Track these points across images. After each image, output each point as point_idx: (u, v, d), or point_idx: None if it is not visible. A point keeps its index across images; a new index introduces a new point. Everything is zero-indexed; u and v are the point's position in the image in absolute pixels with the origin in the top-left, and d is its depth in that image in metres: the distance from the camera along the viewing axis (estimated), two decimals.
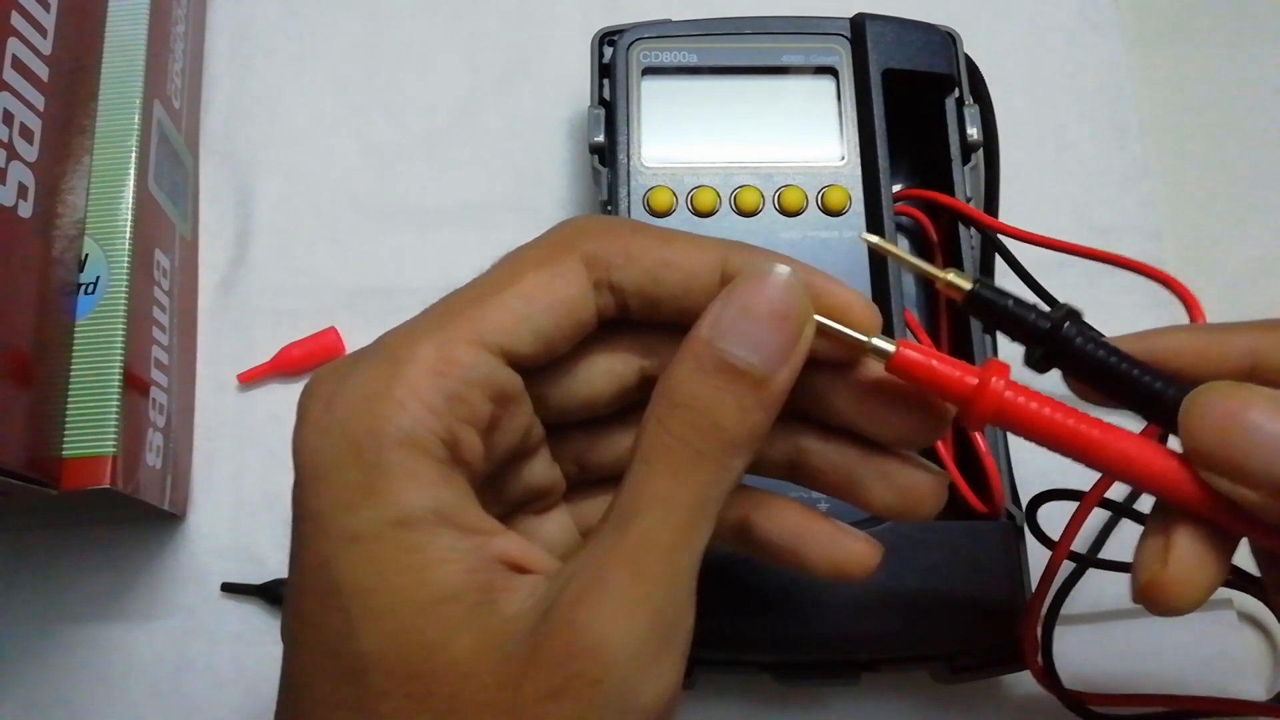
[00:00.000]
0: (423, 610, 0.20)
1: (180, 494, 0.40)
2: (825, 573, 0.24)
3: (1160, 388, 0.23)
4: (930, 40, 0.39)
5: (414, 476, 0.20)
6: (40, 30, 0.33)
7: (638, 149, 0.38)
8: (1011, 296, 0.23)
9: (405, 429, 0.20)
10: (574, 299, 0.22)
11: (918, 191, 0.39)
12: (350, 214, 0.44)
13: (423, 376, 0.21)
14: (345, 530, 0.20)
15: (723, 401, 0.21)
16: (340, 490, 0.21)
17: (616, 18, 0.41)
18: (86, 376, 0.34)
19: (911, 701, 0.37)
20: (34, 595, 0.39)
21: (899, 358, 0.22)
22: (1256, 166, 0.45)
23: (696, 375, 0.21)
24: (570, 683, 0.19)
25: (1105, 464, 0.22)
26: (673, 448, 0.21)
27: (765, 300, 0.21)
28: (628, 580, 0.20)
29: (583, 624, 0.20)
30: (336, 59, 0.47)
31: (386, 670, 0.20)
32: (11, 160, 0.31)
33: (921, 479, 0.24)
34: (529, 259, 0.23)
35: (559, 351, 0.23)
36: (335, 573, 0.20)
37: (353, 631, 0.20)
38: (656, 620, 0.20)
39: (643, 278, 0.23)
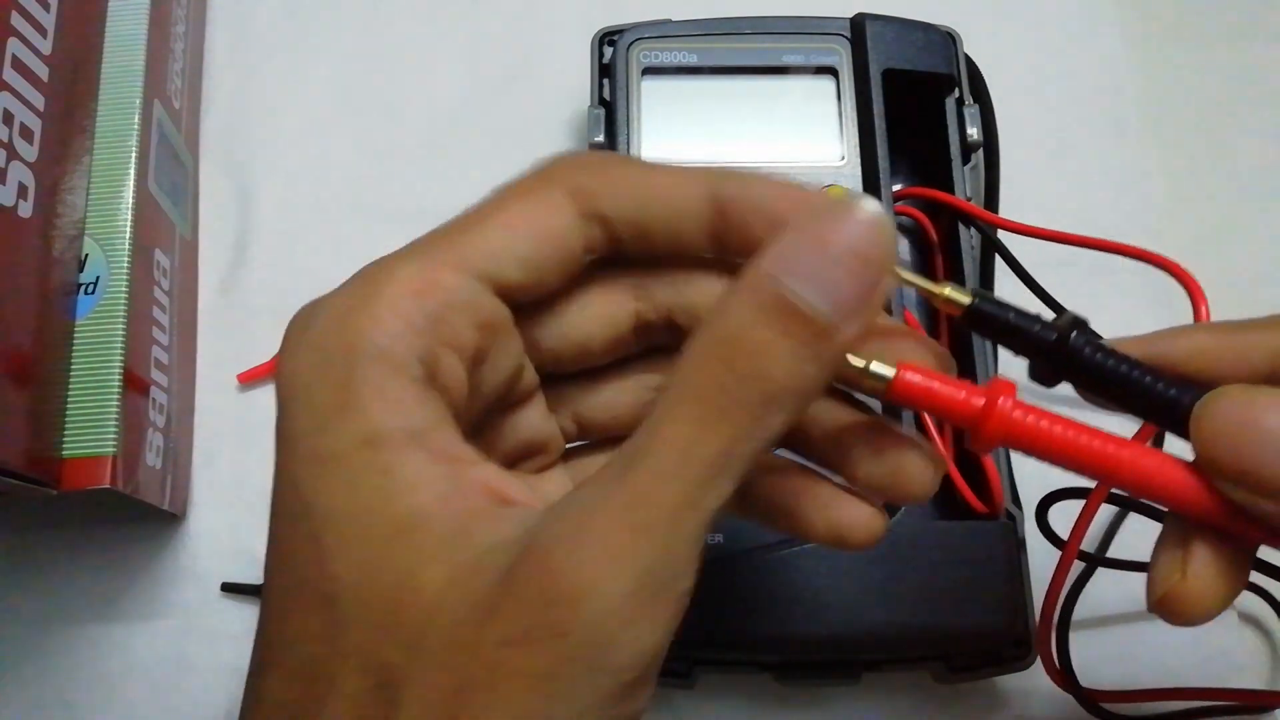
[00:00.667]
0: (392, 538, 0.19)
1: (180, 494, 0.40)
2: (825, 537, 0.22)
3: (1175, 395, 0.22)
4: (930, 40, 0.39)
5: (385, 394, 0.19)
6: (40, 30, 0.33)
7: (638, 149, 0.38)
8: (1012, 309, 0.22)
9: (380, 344, 0.20)
10: (560, 228, 0.21)
11: (917, 190, 0.39)
12: (350, 214, 0.44)
13: (402, 296, 0.20)
14: (314, 450, 0.20)
15: (776, 347, 0.18)
16: (311, 410, 0.20)
17: (616, 18, 0.41)
18: (86, 376, 0.34)
19: (911, 701, 0.37)
20: (34, 595, 0.39)
21: (899, 383, 0.21)
22: (1256, 166, 0.45)
23: (750, 312, 0.18)
24: (535, 631, 0.18)
25: (1119, 481, 0.21)
26: (705, 390, 0.18)
27: (847, 237, 0.18)
28: (619, 530, 0.18)
29: (559, 569, 0.18)
30: (336, 59, 0.47)
31: (355, 599, 0.19)
32: (11, 160, 0.31)
33: (914, 457, 0.22)
34: (513, 191, 0.22)
35: (548, 284, 0.22)
36: (304, 495, 0.20)
37: (323, 557, 0.19)
38: (645, 578, 0.18)
39: (629, 205, 0.21)
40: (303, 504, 0.20)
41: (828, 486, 0.22)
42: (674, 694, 0.37)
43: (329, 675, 0.19)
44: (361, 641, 0.19)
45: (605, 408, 0.25)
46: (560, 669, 0.18)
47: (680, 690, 0.36)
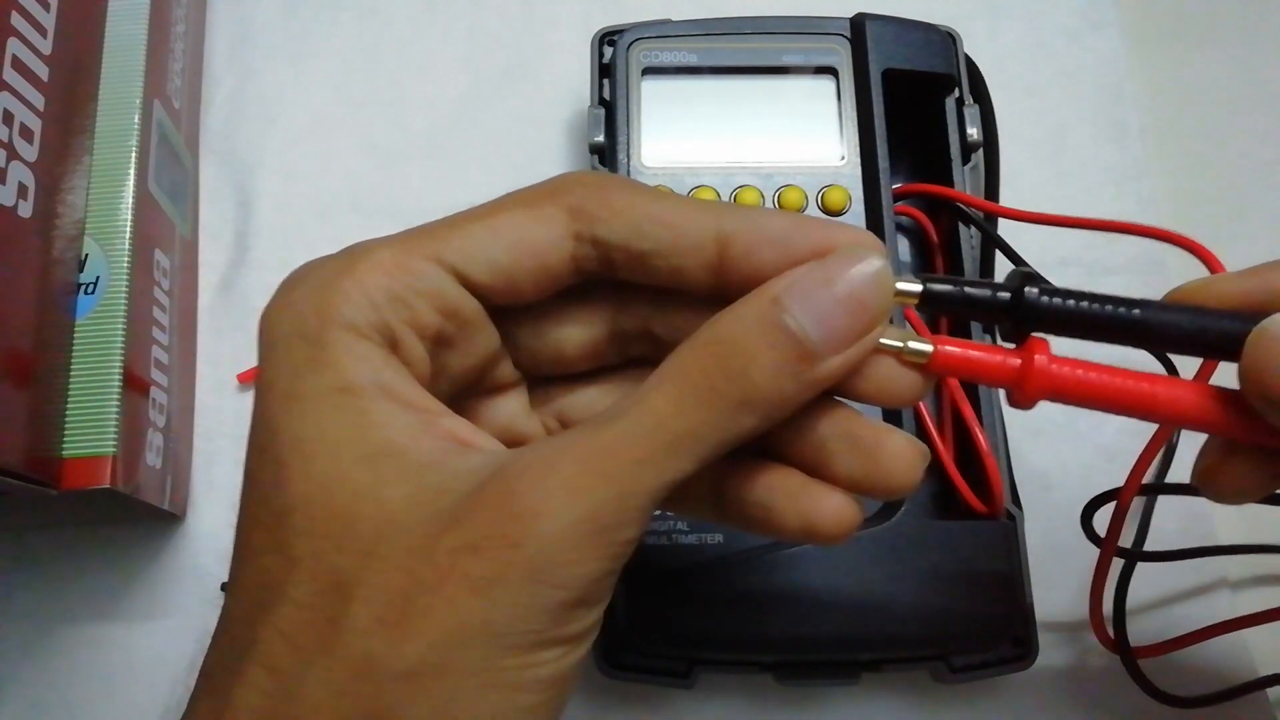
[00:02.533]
0: (358, 459, 0.21)
1: (180, 494, 0.40)
2: (796, 530, 0.22)
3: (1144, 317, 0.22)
4: (930, 40, 0.39)
5: (356, 354, 0.21)
6: (40, 30, 0.33)
7: (638, 149, 0.38)
8: (964, 280, 0.22)
9: (347, 315, 0.21)
10: (544, 242, 0.22)
11: (917, 186, 0.39)
12: (350, 214, 0.44)
13: (371, 274, 0.22)
14: (289, 391, 0.21)
15: (762, 355, 0.20)
16: (288, 360, 0.21)
17: (616, 18, 0.41)
18: (86, 376, 0.34)
19: (911, 701, 0.37)
20: (34, 595, 0.39)
21: (939, 356, 0.22)
22: (1256, 166, 0.45)
23: (748, 322, 0.20)
24: (489, 540, 0.19)
25: (1160, 415, 0.22)
26: (689, 375, 0.20)
27: (850, 282, 0.20)
28: (582, 470, 0.20)
29: (519, 492, 0.20)
30: (336, 59, 0.47)
31: (308, 512, 0.20)
32: (11, 160, 0.31)
33: (892, 440, 0.22)
34: (512, 200, 0.23)
35: (523, 290, 0.23)
36: (275, 427, 0.21)
37: (283, 477, 0.21)
38: (595, 514, 0.20)
39: (628, 232, 0.22)
40: (271, 434, 0.21)
41: (798, 477, 0.22)
42: (674, 694, 0.37)
43: (277, 584, 0.20)
44: (312, 549, 0.20)
45: (586, 410, 0.26)
46: (505, 575, 0.19)
47: (680, 690, 0.36)
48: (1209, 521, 0.39)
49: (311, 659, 0.20)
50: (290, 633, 0.20)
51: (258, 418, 0.22)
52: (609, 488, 0.20)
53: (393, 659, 0.19)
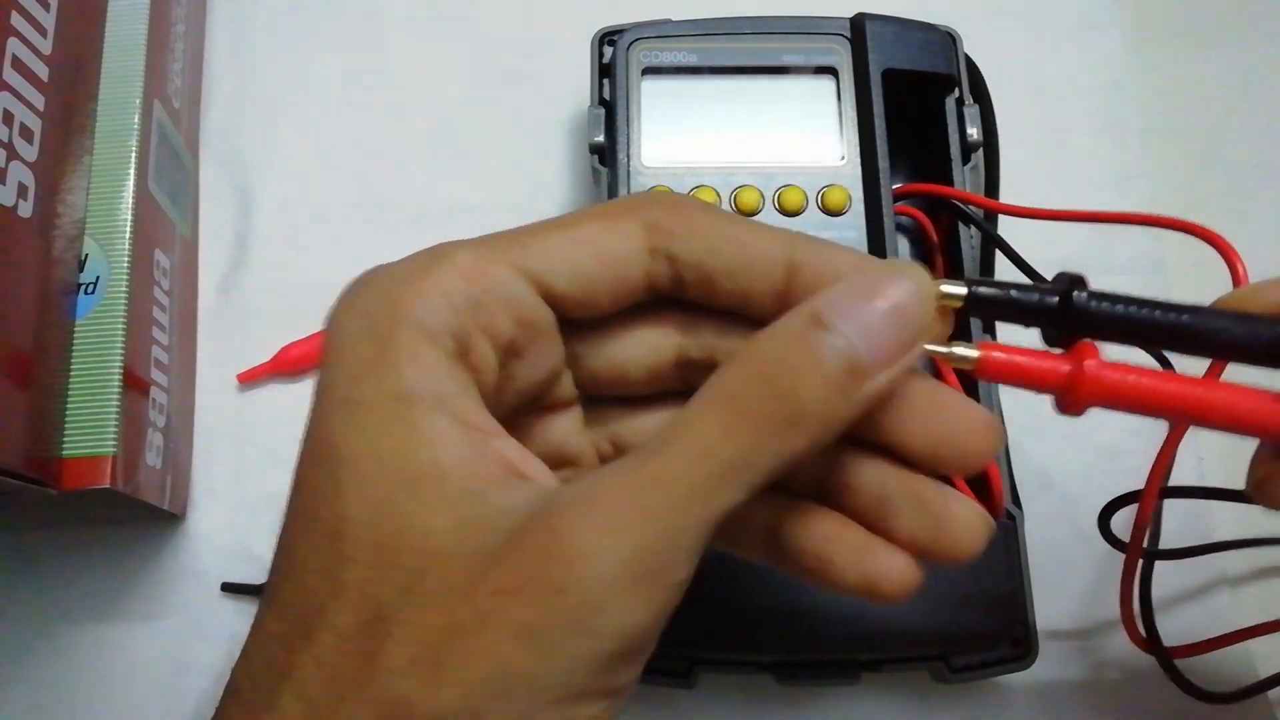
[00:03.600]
0: (407, 483, 0.20)
1: (180, 494, 0.40)
2: (856, 587, 0.22)
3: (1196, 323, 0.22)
4: (930, 40, 0.39)
5: (419, 358, 0.21)
6: (40, 30, 0.33)
7: (638, 149, 0.38)
8: (1010, 284, 0.22)
9: (419, 315, 0.21)
10: (622, 255, 0.22)
11: (917, 186, 0.39)
12: (350, 214, 0.44)
13: (450, 277, 0.21)
14: (347, 397, 0.21)
15: (809, 373, 0.19)
16: (351, 362, 0.21)
17: (616, 18, 0.41)
18: (86, 376, 0.34)
19: (911, 701, 0.37)
20: (34, 595, 0.39)
21: (986, 362, 0.21)
22: (1257, 167, 0.45)
23: (792, 340, 0.20)
24: (532, 584, 0.18)
25: (1216, 422, 0.22)
26: (735, 399, 0.19)
27: (892, 296, 0.20)
28: (628, 506, 0.19)
29: (562, 530, 0.19)
30: (336, 59, 0.47)
31: (359, 537, 0.20)
32: (11, 160, 0.31)
33: (961, 509, 0.21)
34: (592, 212, 0.23)
35: (599, 303, 0.23)
36: (331, 437, 0.20)
37: (338, 495, 0.20)
38: (644, 555, 0.19)
39: (702, 250, 0.22)
40: (327, 445, 0.21)
41: (860, 533, 0.22)
42: (674, 694, 0.37)
43: (321, 608, 0.20)
44: (359, 578, 0.19)
45: (642, 435, 0.25)
46: (549, 623, 0.18)
47: (680, 690, 0.36)
48: (1208, 520, 0.39)
49: (345, 694, 0.19)
50: (329, 663, 0.19)
51: (314, 424, 0.21)
52: (656, 524, 0.19)
53: (427, 704, 0.19)
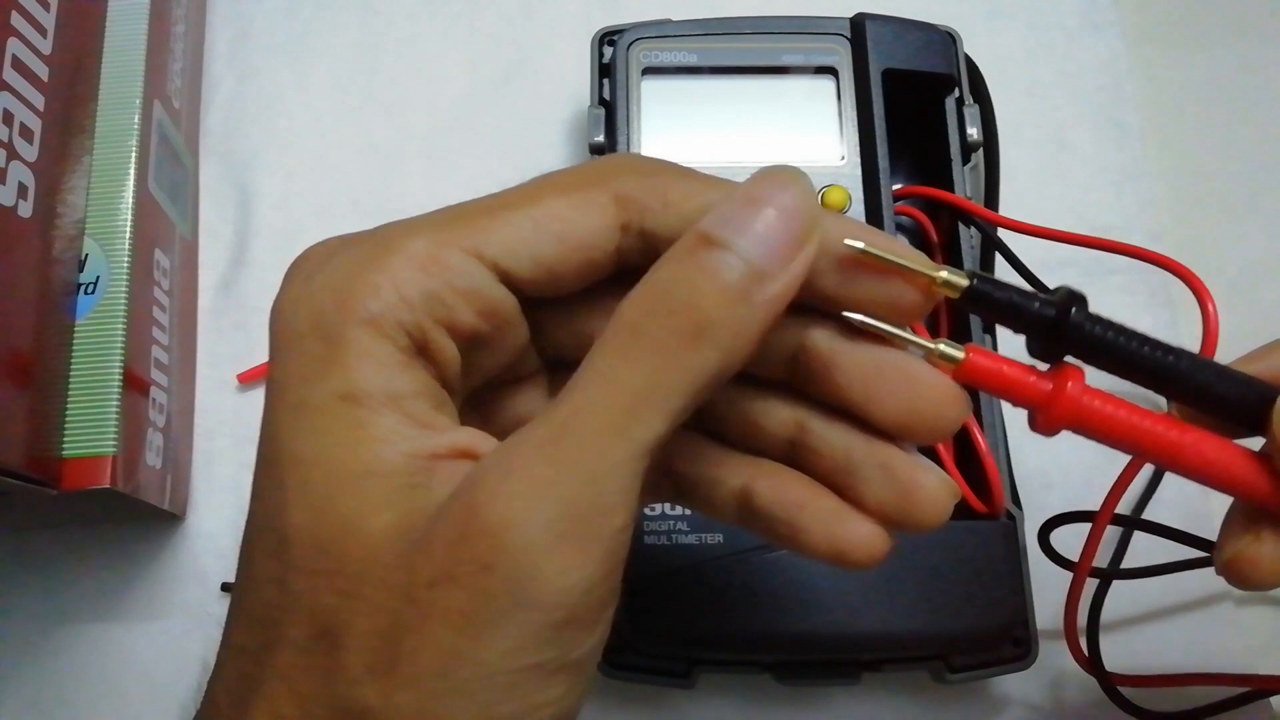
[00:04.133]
0: (346, 482, 0.19)
1: (180, 494, 0.39)
2: (825, 553, 0.21)
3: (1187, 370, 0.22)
4: (930, 40, 0.39)
5: (370, 356, 0.19)
6: (40, 30, 0.33)
7: (638, 149, 0.38)
8: (1012, 288, 0.22)
9: (372, 311, 0.20)
10: (591, 233, 0.21)
11: (917, 189, 0.39)
12: (350, 214, 0.44)
13: (405, 268, 0.20)
14: (296, 399, 0.20)
15: (705, 284, 0.19)
16: (300, 361, 0.20)
17: (616, 18, 0.41)
18: (86, 376, 0.34)
19: (911, 701, 0.37)
20: (34, 595, 0.39)
21: (970, 365, 0.21)
22: (1256, 166, 0.45)
23: (684, 258, 0.19)
24: (460, 567, 0.18)
25: (1184, 466, 0.22)
26: (633, 323, 0.19)
27: (775, 199, 0.19)
28: (538, 463, 0.18)
29: (480, 505, 0.18)
30: (336, 59, 0.47)
31: (303, 544, 0.19)
32: (11, 160, 0.31)
33: (926, 478, 0.21)
34: (555, 183, 0.21)
35: (565, 285, 0.21)
36: (279, 442, 0.20)
37: (284, 502, 0.19)
38: (568, 509, 0.18)
39: (679, 223, 0.20)
40: (276, 450, 0.20)
41: (830, 500, 0.22)
42: (674, 694, 0.37)
43: (277, 620, 0.19)
44: (306, 587, 0.19)
45: None
46: (484, 605, 0.18)
47: (680, 690, 0.36)
48: (1210, 521, 0.39)
49: (310, 710, 0.18)
50: (291, 678, 0.19)
51: (265, 426, 0.20)
52: (575, 473, 0.18)
53: (388, 712, 0.18)
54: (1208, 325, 0.31)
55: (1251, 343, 0.25)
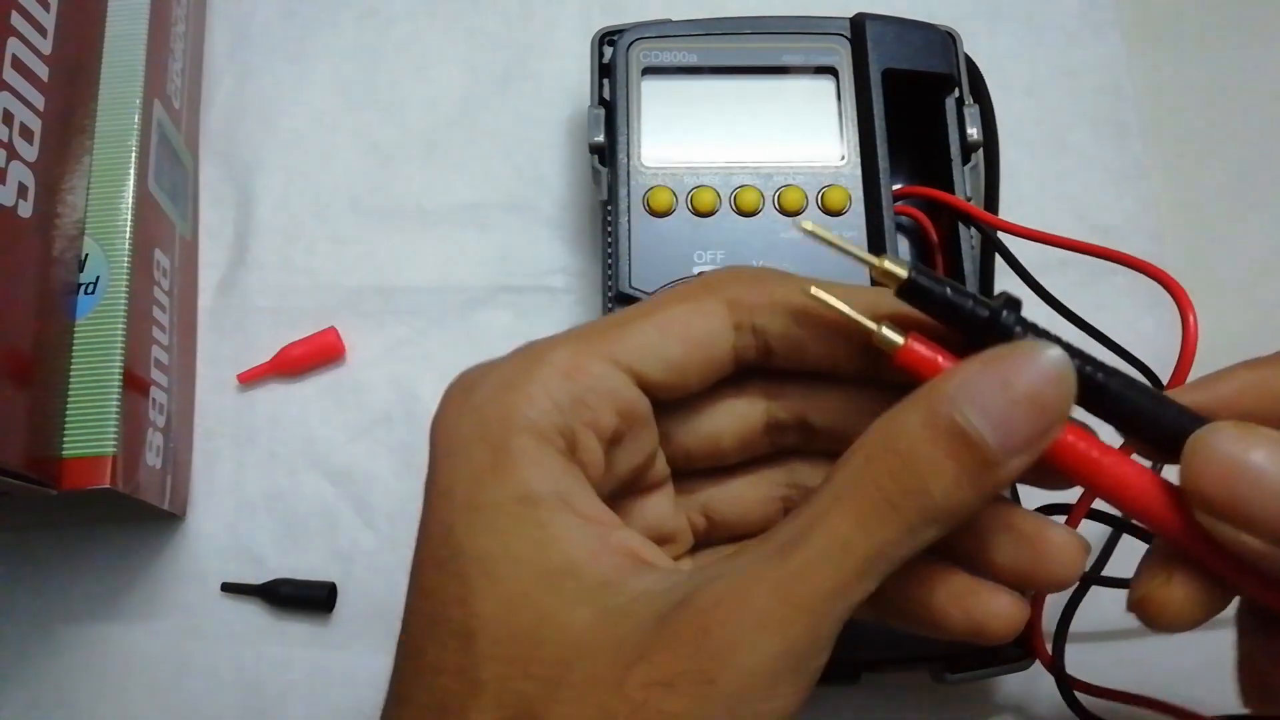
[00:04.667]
0: (541, 579, 0.20)
1: (180, 494, 0.40)
2: (964, 630, 0.22)
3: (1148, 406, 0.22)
4: (930, 40, 0.39)
5: (538, 461, 0.21)
6: (40, 30, 0.33)
7: (637, 149, 0.38)
8: (949, 284, 0.22)
9: (531, 418, 0.21)
10: (710, 334, 0.23)
11: (917, 189, 0.39)
12: (350, 214, 0.44)
13: (553, 377, 0.22)
14: (471, 500, 0.21)
15: (942, 468, 0.19)
16: (469, 466, 0.21)
17: (616, 18, 0.41)
18: (86, 376, 0.34)
19: (911, 701, 0.37)
20: (34, 595, 0.39)
21: (907, 350, 0.21)
22: (1256, 166, 0.45)
23: (923, 429, 0.20)
24: (685, 676, 0.19)
25: (1101, 487, 0.22)
26: (869, 493, 0.20)
27: (1029, 382, 0.20)
28: (776, 605, 0.19)
29: (716, 625, 0.19)
30: (336, 59, 0.47)
31: (495, 634, 0.20)
32: (11, 160, 0.31)
33: (1056, 534, 0.22)
34: (674, 295, 0.23)
35: (690, 384, 0.23)
36: (457, 538, 0.21)
37: (468, 595, 0.20)
38: (792, 649, 0.19)
39: (786, 320, 0.23)
40: (454, 547, 0.21)
41: (962, 576, 0.22)
42: None
43: (461, 708, 0.20)
44: (497, 674, 0.20)
45: (734, 504, 0.26)
46: (701, 714, 0.19)
47: None
48: None
49: None
50: None
51: (435, 525, 0.21)
52: (803, 621, 0.19)
53: None
54: (1187, 336, 0.31)
55: (1250, 343, 0.25)
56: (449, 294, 0.43)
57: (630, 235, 0.36)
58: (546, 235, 0.43)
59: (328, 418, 0.41)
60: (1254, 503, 0.20)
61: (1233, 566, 0.21)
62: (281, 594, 0.39)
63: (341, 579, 0.39)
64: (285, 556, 0.40)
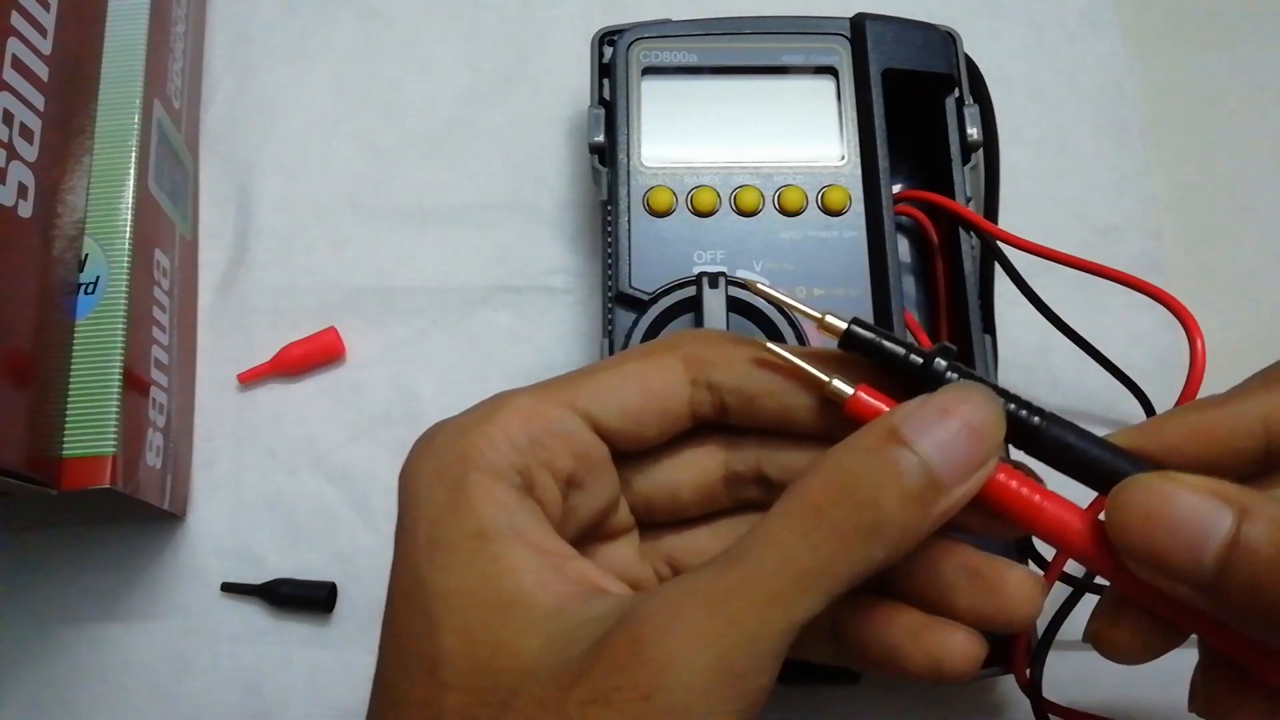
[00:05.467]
0: (496, 610, 0.21)
1: (180, 494, 0.40)
2: (923, 671, 0.23)
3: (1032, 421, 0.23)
4: (930, 40, 0.39)
5: (492, 497, 0.22)
6: (40, 30, 0.33)
7: (637, 149, 0.38)
8: (886, 335, 0.23)
9: (488, 458, 0.22)
10: (666, 387, 0.24)
11: (918, 193, 0.39)
12: (350, 214, 0.44)
13: (511, 420, 0.23)
14: (431, 538, 0.22)
15: (889, 485, 0.20)
16: (429, 507, 0.22)
17: (616, 18, 0.41)
18: (86, 376, 0.34)
19: (911, 701, 0.37)
20: (34, 595, 0.39)
21: (855, 401, 0.23)
22: (1256, 166, 0.45)
23: (871, 453, 0.21)
24: (619, 693, 0.19)
25: (1040, 532, 0.22)
26: (818, 507, 0.20)
27: (966, 414, 0.21)
28: (710, 615, 0.20)
29: (647, 639, 0.20)
30: (336, 59, 0.47)
31: (456, 665, 0.21)
32: (11, 160, 0.31)
33: (1012, 573, 0.23)
34: (634, 353, 0.25)
35: (648, 434, 0.24)
36: (420, 576, 0.22)
37: (432, 629, 0.21)
38: (726, 661, 0.19)
39: (739, 376, 0.24)
40: (417, 583, 0.22)
41: (920, 616, 0.23)
42: None
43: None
44: (458, 702, 0.21)
45: (697, 555, 0.26)
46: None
47: None
48: None
49: None
50: None
51: (402, 565, 0.23)
52: (739, 631, 0.20)
53: None
54: (1194, 362, 0.31)
55: (1250, 343, 0.25)
56: (449, 294, 0.43)
57: (630, 235, 0.36)
58: (546, 235, 0.43)
59: (328, 418, 0.41)
60: (1176, 553, 0.20)
61: (1171, 608, 0.22)
62: (281, 594, 0.39)
63: (341, 579, 0.39)
64: (285, 556, 0.40)
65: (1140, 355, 0.40)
